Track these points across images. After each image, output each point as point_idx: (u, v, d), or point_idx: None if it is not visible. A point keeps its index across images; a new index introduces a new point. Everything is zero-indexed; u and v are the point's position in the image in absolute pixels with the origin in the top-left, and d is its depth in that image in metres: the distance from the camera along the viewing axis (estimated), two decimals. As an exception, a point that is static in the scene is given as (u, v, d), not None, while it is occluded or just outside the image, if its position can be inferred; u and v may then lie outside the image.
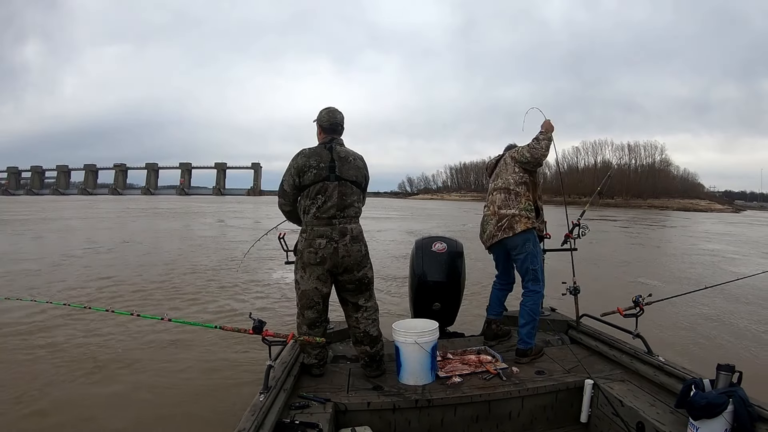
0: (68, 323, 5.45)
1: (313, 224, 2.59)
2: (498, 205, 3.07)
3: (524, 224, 2.98)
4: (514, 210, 3.01)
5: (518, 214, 3.00)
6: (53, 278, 8.34)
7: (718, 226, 30.45)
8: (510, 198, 3.05)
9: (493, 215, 3.09)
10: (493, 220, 3.08)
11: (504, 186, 3.09)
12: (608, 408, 2.39)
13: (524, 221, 2.99)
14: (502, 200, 3.07)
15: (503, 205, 3.05)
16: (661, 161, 75.78)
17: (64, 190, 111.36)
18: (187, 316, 5.91)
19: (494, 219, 3.08)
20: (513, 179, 3.07)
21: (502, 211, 3.04)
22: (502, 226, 3.02)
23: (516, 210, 3.01)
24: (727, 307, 6.86)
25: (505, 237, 3.01)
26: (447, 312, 3.48)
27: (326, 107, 2.75)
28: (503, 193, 3.08)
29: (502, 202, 3.06)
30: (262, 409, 2.03)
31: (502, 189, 3.09)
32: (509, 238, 3.00)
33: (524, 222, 2.99)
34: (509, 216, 3.01)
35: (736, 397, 1.90)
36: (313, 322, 2.68)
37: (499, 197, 3.08)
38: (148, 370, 4.24)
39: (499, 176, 3.17)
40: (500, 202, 3.07)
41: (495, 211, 3.08)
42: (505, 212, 3.03)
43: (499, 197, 3.09)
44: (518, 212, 3.00)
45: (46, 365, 4.32)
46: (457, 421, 2.48)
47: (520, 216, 3.00)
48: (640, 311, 2.72)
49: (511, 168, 3.11)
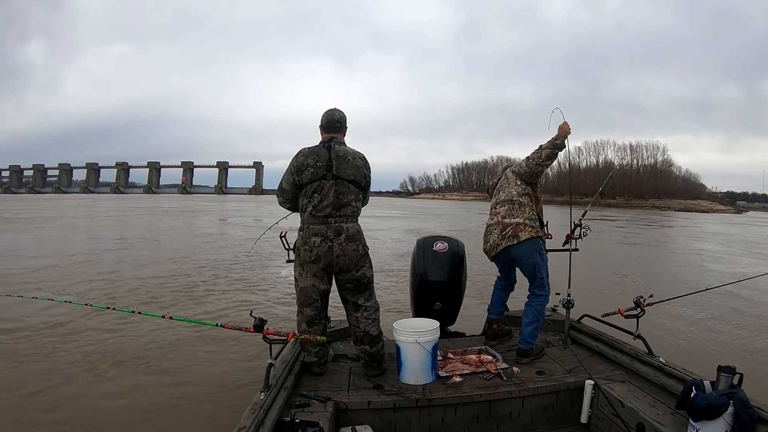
0: (67, 320, 5.46)
1: (309, 222, 2.61)
2: (502, 215, 3.07)
3: (529, 233, 2.98)
4: (518, 219, 3.01)
5: (522, 223, 3.00)
6: (52, 277, 8.37)
7: (717, 226, 30.42)
8: (514, 208, 3.05)
9: (497, 225, 3.08)
10: (497, 230, 3.07)
11: (507, 198, 3.10)
12: (609, 409, 2.38)
13: (529, 230, 2.99)
14: (506, 210, 3.07)
15: (507, 215, 3.05)
16: (663, 162, 75.82)
17: (66, 188, 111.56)
18: (190, 311, 5.97)
19: (498, 228, 3.06)
20: (516, 191, 3.09)
21: (506, 220, 3.04)
22: (507, 235, 3.01)
23: (520, 219, 3.01)
24: (728, 308, 6.84)
25: (509, 245, 3.00)
26: (448, 311, 3.48)
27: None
28: (507, 204, 3.09)
29: (506, 212, 3.06)
30: (263, 407, 2.04)
31: (506, 201, 3.10)
32: (514, 246, 2.99)
33: (529, 230, 2.99)
34: (513, 225, 3.01)
35: (737, 399, 1.90)
36: (312, 319, 2.70)
37: (503, 209, 3.09)
38: (147, 368, 4.25)
39: (501, 190, 3.18)
40: (504, 212, 3.07)
41: (499, 221, 3.08)
42: (509, 221, 3.03)
43: (503, 209, 3.09)
44: (523, 221, 3.00)
45: (48, 363, 4.33)
46: (457, 420, 2.48)
47: (524, 225, 2.99)
48: (641, 312, 2.72)
49: (513, 181, 3.14)
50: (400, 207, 43.45)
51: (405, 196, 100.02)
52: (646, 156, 76.49)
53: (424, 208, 43.86)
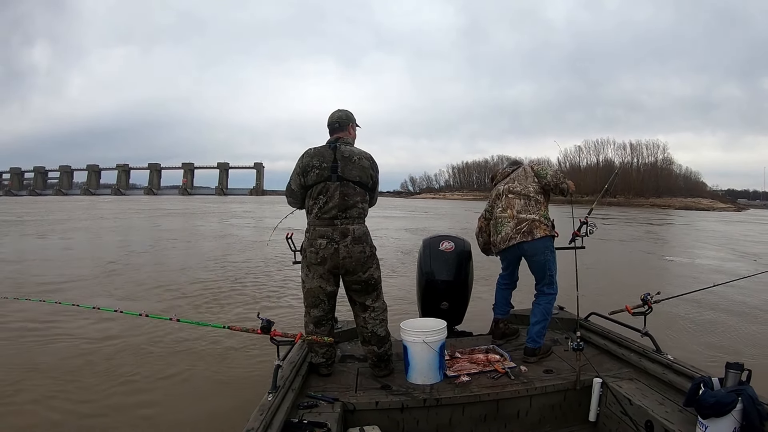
0: (75, 321, 5.47)
1: (315, 224, 2.61)
2: (517, 209, 3.04)
3: (543, 231, 2.98)
4: (534, 215, 3.00)
5: (538, 220, 2.99)
6: (51, 275, 8.40)
7: (713, 224, 30.42)
8: (530, 204, 3.04)
9: (511, 218, 3.05)
10: (511, 223, 3.04)
11: (524, 192, 3.08)
12: (617, 407, 2.38)
13: (543, 228, 2.99)
14: (522, 205, 3.04)
15: (523, 210, 3.03)
16: (663, 160, 75.54)
17: (66, 190, 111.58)
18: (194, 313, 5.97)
19: (512, 222, 3.04)
20: (533, 188, 3.08)
21: (522, 215, 3.02)
22: (521, 230, 2.99)
23: (536, 216, 3.00)
24: (735, 304, 6.84)
25: (523, 241, 2.98)
26: (455, 311, 3.48)
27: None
28: (523, 198, 3.06)
29: (521, 207, 3.04)
30: (271, 408, 2.04)
31: (522, 195, 3.07)
32: (527, 242, 2.98)
33: (543, 229, 2.99)
34: (529, 221, 2.99)
35: (746, 396, 1.89)
36: (319, 320, 2.70)
37: (519, 202, 3.06)
38: (155, 370, 4.26)
39: (516, 181, 3.14)
40: (520, 207, 3.04)
41: (513, 214, 3.05)
42: (525, 216, 3.01)
43: (518, 202, 3.06)
44: (539, 218, 3.00)
45: (50, 362, 4.36)
46: (465, 420, 2.48)
47: (539, 222, 2.99)
48: (648, 309, 2.73)
49: (531, 178, 3.13)
50: (401, 207, 43.42)
51: (405, 196, 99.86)
52: (646, 154, 76.43)
53: (426, 208, 43.81)
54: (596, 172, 70.62)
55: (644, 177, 71.11)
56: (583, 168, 78.70)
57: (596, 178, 67.42)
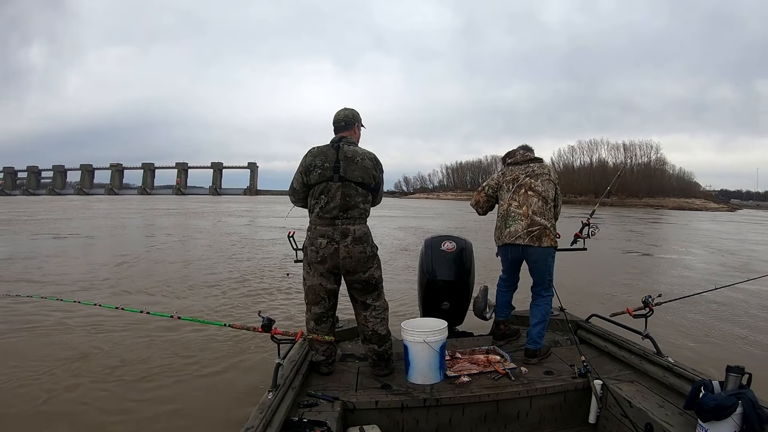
0: (76, 318, 5.44)
1: (316, 223, 2.62)
2: (533, 209, 2.98)
3: (550, 241, 2.98)
4: (547, 222, 2.98)
5: (549, 228, 2.98)
6: (49, 274, 8.32)
7: (705, 224, 30.64)
8: (547, 208, 3.01)
9: (524, 216, 2.99)
10: (524, 222, 2.98)
11: (545, 194, 3.03)
12: (617, 409, 2.38)
13: (551, 238, 2.98)
14: (539, 206, 2.99)
15: (539, 212, 2.98)
16: (656, 160, 76.03)
17: (60, 190, 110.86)
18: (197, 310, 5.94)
19: (525, 221, 2.98)
20: (551, 194, 3.06)
21: (537, 218, 2.97)
22: (532, 233, 2.95)
23: (549, 223, 2.99)
24: (737, 307, 6.82)
25: (530, 245, 2.96)
26: (456, 311, 3.48)
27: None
28: (542, 200, 3.01)
29: (539, 208, 2.98)
30: (271, 407, 2.04)
31: (542, 195, 3.02)
32: (534, 248, 2.96)
33: (551, 238, 2.98)
34: (542, 226, 2.96)
35: (746, 399, 1.90)
36: (320, 317, 2.71)
37: (537, 202, 2.99)
38: (155, 367, 4.22)
39: (540, 180, 3.06)
40: (537, 208, 2.98)
41: (528, 213, 2.98)
42: (539, 220, 2.96)
43: (536, 201, 2.99)
44: (550, 226, 2.99)
45: (51, 360, 4.31)
46: (465, 420, 2.48)
47: (549, 231, 2.98)
48: (649, 312, 2.73)
49: (553, 183, 3.10)
50: (395, 206, 43.34)
51: (399, 196, 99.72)
52: (639, 155, 76.86)
53: (421, 208, 43.84)
54: (590, 173, 71.01)
55: (638, 177, 71.48)
56: (577, 168, 79.12)
57: (590, 178, 67.80)
